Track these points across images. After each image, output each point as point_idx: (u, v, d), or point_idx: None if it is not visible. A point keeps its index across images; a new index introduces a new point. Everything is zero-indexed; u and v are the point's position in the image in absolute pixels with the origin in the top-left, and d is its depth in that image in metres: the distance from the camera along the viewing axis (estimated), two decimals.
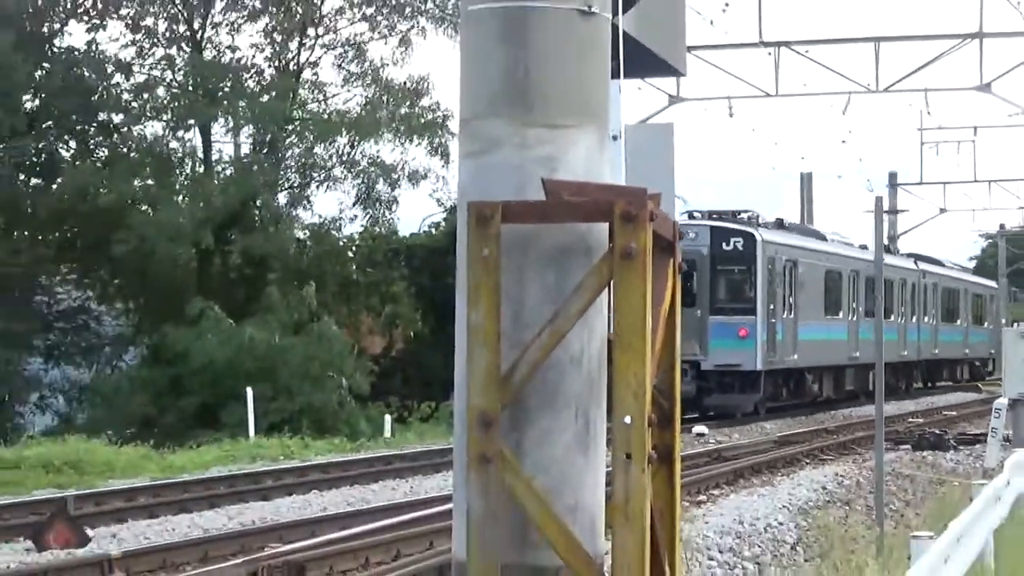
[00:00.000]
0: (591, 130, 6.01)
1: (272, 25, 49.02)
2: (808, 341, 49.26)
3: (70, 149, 46.86)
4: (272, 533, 19.89)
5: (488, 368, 5.70)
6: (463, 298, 5.83)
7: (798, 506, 23.93)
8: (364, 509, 22.61)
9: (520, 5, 5.91)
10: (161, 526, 21.43)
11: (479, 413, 5.69)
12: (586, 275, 5.71)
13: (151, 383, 42.46)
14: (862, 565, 16.07)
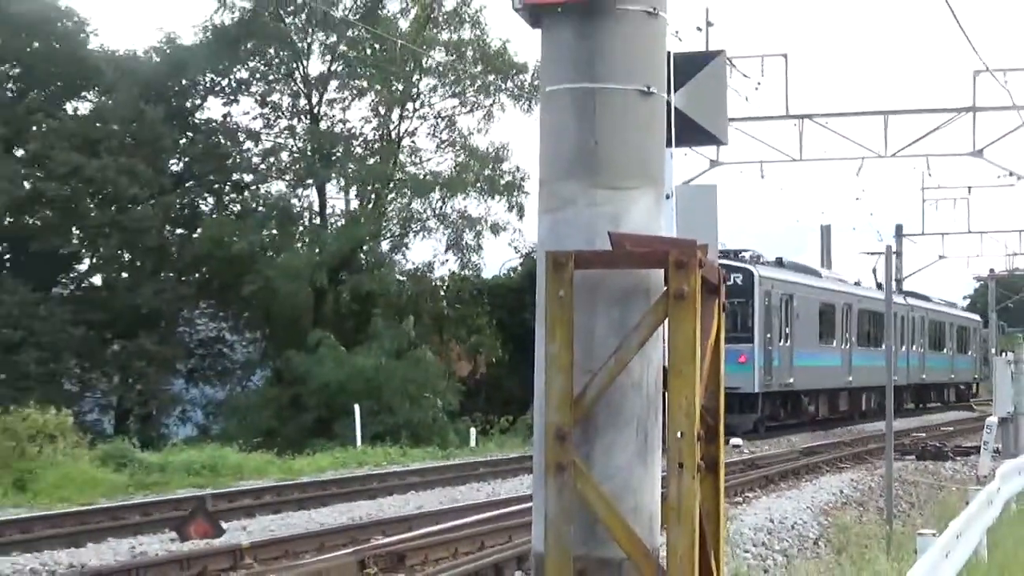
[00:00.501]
0: (649, 191, 6.03)
1: (377, 101, 49.21)
2: (803, 366, 47.74)
3: (209, 204, 47.13)
4: (376, 527, 19.92)
5: (563, 391, 5.73)
6: (542, 332, 5.85)
7: (819, 507, 23.88)
8: (453, 507, 22.61)
9: (590, 87, 5.93)
10: (283, 520, 21.49)
11: (555, 428, 5.72)
12: (645, 313, 5.74)
13: (275, 400, 42.60)
14: (874, 558, 15.99)
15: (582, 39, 5.90)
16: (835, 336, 51.87)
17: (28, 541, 18.77)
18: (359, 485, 27.30)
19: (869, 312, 56.36)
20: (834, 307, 52.37)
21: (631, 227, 5.83)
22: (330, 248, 45.74)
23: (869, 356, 54.55)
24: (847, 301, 53.04)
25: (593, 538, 5.81)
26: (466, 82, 50.39)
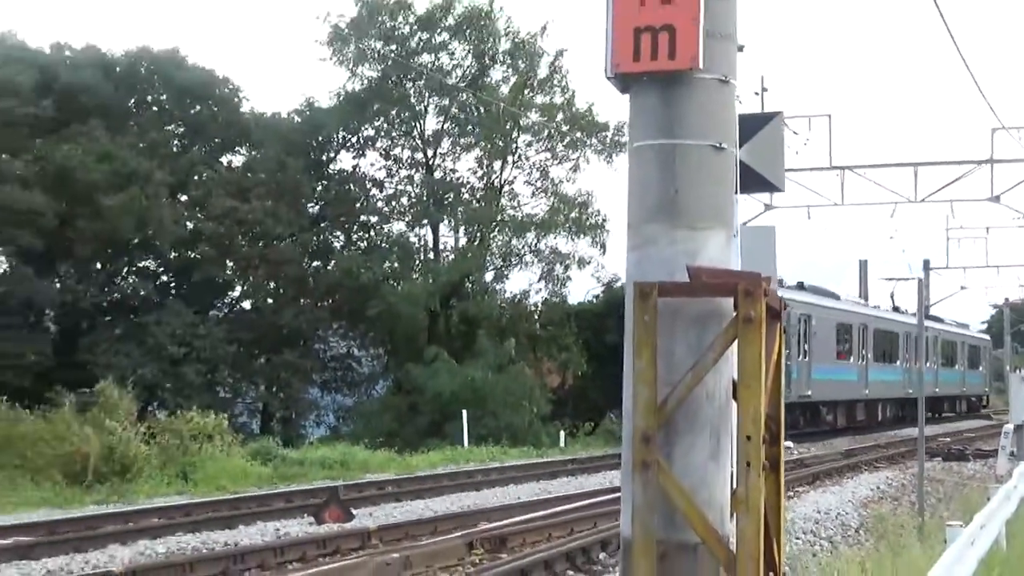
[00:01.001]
0: (720, 231, 6.05)
1: (482, 155, 49.43)
2: (821, 380, 45.27)
3: (340, 241, 47.43)
4: (481, 514, 19.94)
5: (648, 400, 5.75)
6: (630, 350, 5.88)
7: (859, 500, 23.71)
8: (547, 498, 22.61)
9: (671, 143, 5.96)
10: (402, 508, 21.58)
11: (641, 432, 5.74)
12: (718, 335, 5.74)
13: (395, 406, 42.75)
14: (908, 545, 15.83)
15: (664, 103, 5.93)
16: (851, 353, 49.85)
17: (191, 523, 18.97)
18: (466, 479, 27.39)
19: (884, 331, 54.05)
20: (851, 326, 50.54)
21: (705, 262, 5.86)
22: (442, 278, 46.02)
23: (884, 371, 52.74)
24: (863, 321, 51.28)
25: (673, 525, 5.83)
26: (557, 139, 50.47)
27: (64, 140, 36.41)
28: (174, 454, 27.21)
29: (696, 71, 5.86)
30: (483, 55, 49.63)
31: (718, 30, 5.97)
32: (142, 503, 22.37)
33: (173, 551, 16.03)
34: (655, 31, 5.85)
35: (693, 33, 5.82)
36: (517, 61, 50.10)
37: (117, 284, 39.92)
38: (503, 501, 22.12)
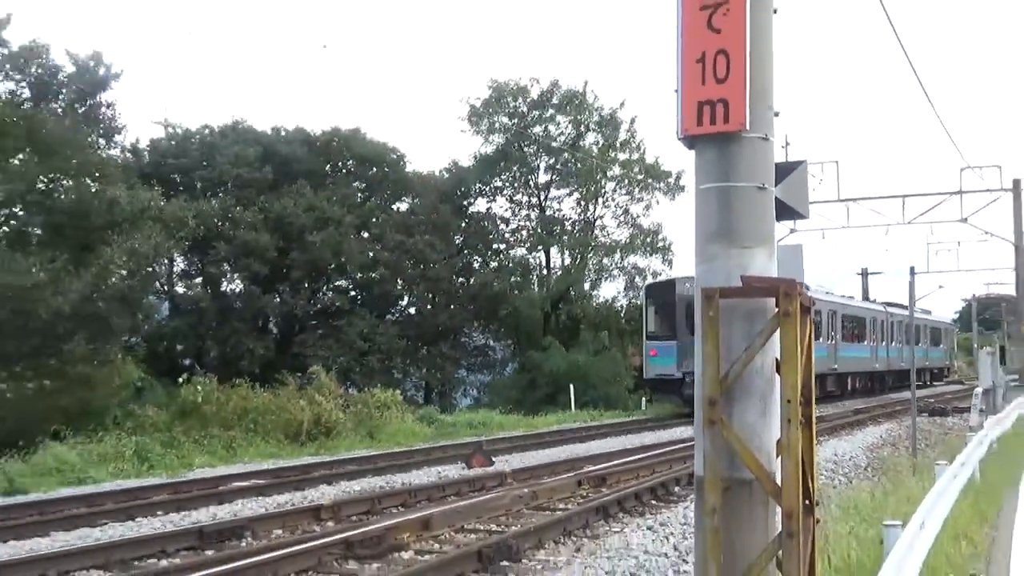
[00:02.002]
0: (764, 249, 6.04)
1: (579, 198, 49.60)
2: (844, 356, 42.45)
3: (478, 263, 47.65)
4: (587, 459, 19.92)
5: (713, 375, 5.72)
6: (700, 337, 5.86)
7: (867, 445, 23.45)
8: (633, 447, 22.50)
9: (726, 185, 5.94)
10: (528, 456, 21.60)
11: (708, 398, 5.73)
12: (764, 325, 5.72)
13: (520, 382, 42.82)
14: (906, 479, 15.62)
15: (721, 156, 5.93)
16: (822, 333, 44.22)
17: (376, 468, 19.17)
18: (573, 434, 27.34)
19: (852, 316, 48.69)
20: (820, 312, 44.51)
21: (753, 272, 5.84)
22: (552, 288, 46.38)
23: (851, 349, 47.78)
24: (832, 308, 46.16)
25: (733, 466, 5.81)
26: (634, 185, 50.64)
27: (280, 196, 37.05)
28: (363, 419, 27.57)
29: (744, 132, 5.84)
30: (579, 124, 49.91)
31: (760, 101, 5.95)
32: (341, 455, 22.66)
33: (365, 489, 16.20)
34: (713, 103, 5.84)
35: (741, 104, 5.80)
36: (603, 128, 50.36)
37: (319, 297, 40.45)
38: (602, 450, 22.06)
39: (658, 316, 34.99)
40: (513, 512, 13.64)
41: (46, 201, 24.15)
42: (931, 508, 9.40)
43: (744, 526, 5.86)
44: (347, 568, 10.25)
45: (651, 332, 35.08)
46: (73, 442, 19.92)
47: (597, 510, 13.30)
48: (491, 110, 48.92)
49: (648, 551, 10.72)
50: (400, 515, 13.06)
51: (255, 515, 13.05)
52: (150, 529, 12.35)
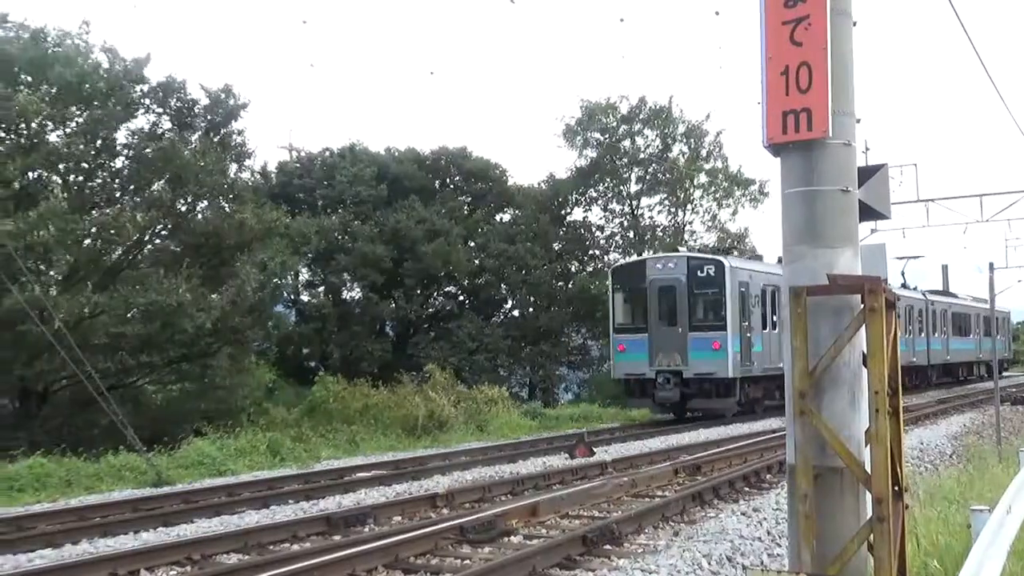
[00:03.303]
0: (849, 249, 5.93)
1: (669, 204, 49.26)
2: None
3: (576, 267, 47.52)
4: (682, 449, 19.72)
5: (802, 368, 5.63)
6: (788, 333, 5.76)
7: (952, 434, 22.75)
8: (727, 437, 22.18)
9: (812, 190, 5.86)
10: (626, 447, 21.39)
11: (798, 390, 5.64)
12: (851, 321, 5.61)
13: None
14: (991, 466, 15.18)
15: (806, 162, 5.84)
16: None
17: (487, 459, 19.23)
18: (669, 426, 27.06)
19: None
20: None
21: (839, 270, 5.74)
22: None
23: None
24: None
25: (824, 454, 5.71)
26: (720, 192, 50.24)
27: (394, 211, 37.49)
28: (473, 414, 27.66)
29: (827, 139, 5.75)
30: (666, 137, 49.60)
31: (841, 109, 5.84)
32: (453, 447, 22.77)
33: (476, 478, 16.25)
34: (797, 112, 5.76)
35: (824, 113, 5.71)
36: (689, 139, 50.02)
37: (431, 303, 40.76)
38: (696, 440, 21.78)
39: (627, 305, 28.29)
40: (614, 499, 13.57)
41: (184, 223, 24.80)
42: (1017, 493, 9.07)
43: (835, 511, 5.75)
44: (461, 552, 10.30)
45: (619, 324, 28.37)
46: (213, 438, 20.36)
47: (693, 497, 13.14)
48: (583, 127, 49.12)
49: (743, 535, 10.56)
50: (509, 502, 13.07)
51: (377, 503, 13.18)
52: (283, 516, 12.55)
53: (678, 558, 9.30)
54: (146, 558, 9.76)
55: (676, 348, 26.08)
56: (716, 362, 25.79)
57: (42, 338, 18.50)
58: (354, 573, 9.09)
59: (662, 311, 26.32)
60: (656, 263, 27.47)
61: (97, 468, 17.06)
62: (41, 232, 19.90)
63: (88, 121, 23.16)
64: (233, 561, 9.94)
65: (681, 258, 27.40)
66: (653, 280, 26.95)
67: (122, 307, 21.38)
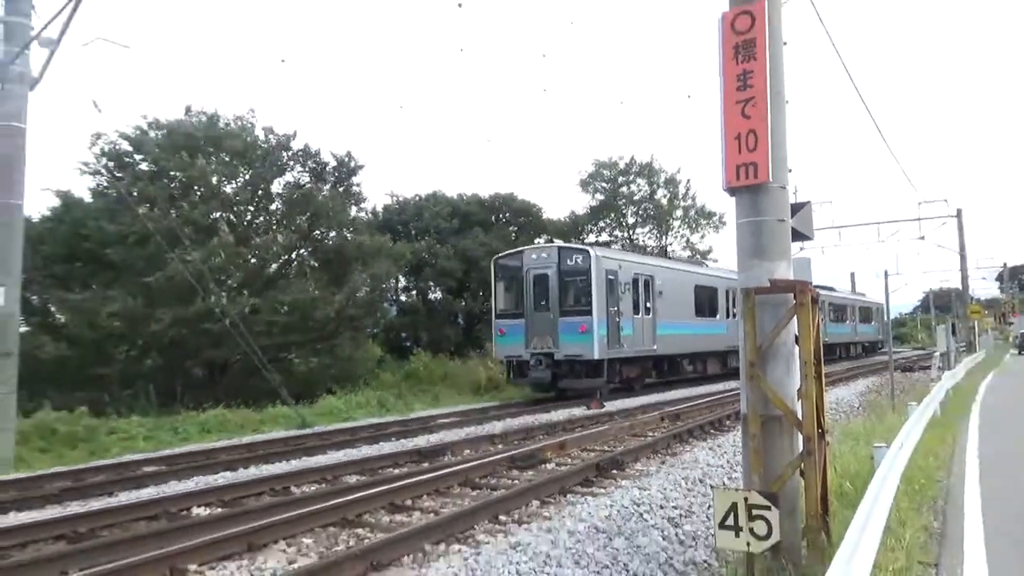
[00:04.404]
0: (785, 261, 5.82)
1: (657, 234, 48.93)
2: (665, 335, 23.81)
3: None
4: (667, 403, 19.42)
5: (752, 346, 5.55)
6: (742, 321, 5.66)
7: (858, 392, 22.23)
8: (700, 393, 21.86)
9: (757, 220, 5.74)
10: (627, 401, 21.01)
11: (750, 361, 5.52)
12: (786, 312, 5.49)
13: None
14: (887, 415, 14.82)
15: (753, 200, 5.75)
16: (690, 309, 26.74)
17: (529, 410, 18.89)
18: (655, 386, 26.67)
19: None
20: (694, 285, 27.03)
21: (777, 276, 5.60)
22: None
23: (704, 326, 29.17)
24: (698, 282, 27.69)
25: (767, 407, 5.61)
26: (692, 222, 49.83)
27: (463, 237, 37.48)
28: None
29: (768, 184, 5.66)
30: (652, 184, 49.43)
31: (780, 162, 5.75)
32: (506, 402, 22.62)
33: (522, 423, 16.12)
34: (747, 165, 5.68)
35: (766, 166, 5.63)
36: (668, 185, 49.77)
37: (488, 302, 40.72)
38: (676, 397, 21.51)
39: (507, 293, 22.81)
40: (619, 438, 13.46)
41: (318, 246, 25.14)
42: (907, 434, 8.89)
43: (776, 448, 5.67)
44: (511, 474, 10.27)
45: (500, 310, 22.95)
46: (340, 395, 20.50)
47: (675, 436, 13.01)
48: (593, 178, 49.08)
49: (710, 464, 10.44)
50: (545, 440, 13.02)
51: (453, 440, 13.19)
52: (388, 449, 12.61)
53: (664, 479, 9.21)
54: (295, 478, 9.87)
55: (548, 332, 21.10)
56: (583, 344, 20.53)
57: (223, 329, 18.81)
58: (438, 488, 9.11)
59: (536, 297, 21.38)
60: (532, 253, 22.07)
61: (261, 416, 17.25)
62: (216, 258, 20.28)
63: (252, 177, 23.55)
64: (354, 480, 10.01)
65: (553, 248, 22.05)
66: (529, 269, 21.76)
67: (273, 304, 21.75)
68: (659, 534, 7.13)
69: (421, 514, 8.00)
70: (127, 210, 19.70)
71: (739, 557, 5.55)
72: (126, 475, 10.44)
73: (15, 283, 12.66)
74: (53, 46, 12.47)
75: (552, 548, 6.45)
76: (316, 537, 7.15)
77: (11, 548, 6.92)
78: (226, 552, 6.50)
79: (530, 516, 7.84)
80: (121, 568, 5.80)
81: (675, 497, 8.50)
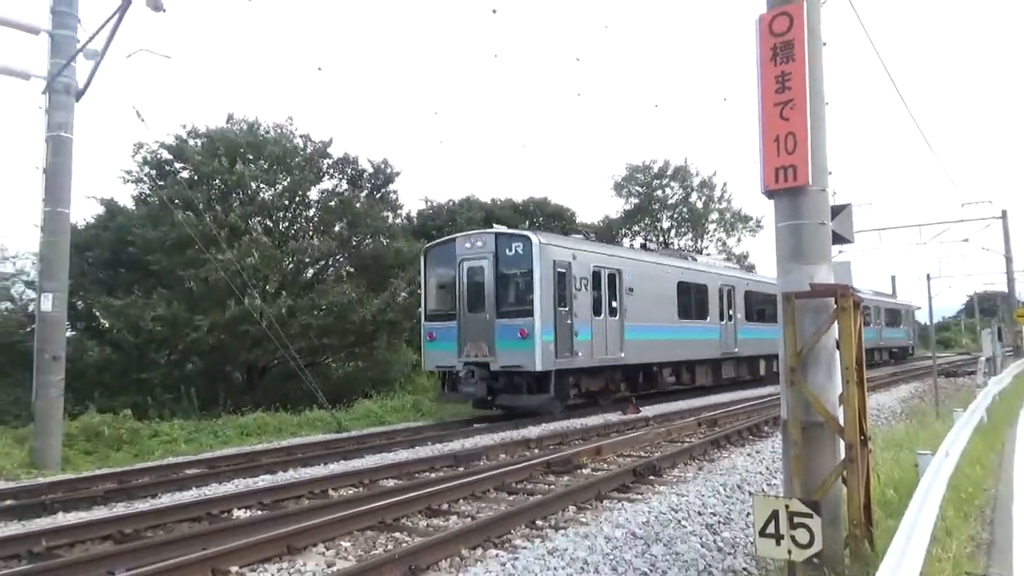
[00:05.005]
0: (825, 265, 5.74)
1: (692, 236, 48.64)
2: (636, 341, 19.66)
3: None
4: (703, 408, 19.22)
5: (792, 350, 5.48)
6: (781, 326, 5.60)
7: (901, 399, 21.74)
8: (737, 399, 21.62)
9: (796, 223, 5.67)
10: (664, 406, 20.93)
11: (789, 366, 5.47)
12: (827, 316, 5.42)
13: None
14: (931, 422, 14.51)
15: (793, 202, 5.68)
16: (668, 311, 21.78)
17: (563, 415, 18.91)
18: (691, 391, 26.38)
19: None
20: (684, 284, 22.48)
21: (818, 280, 5.53)
22: None
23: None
24: (682, 278, 22.46)
25: (808, 412, 5.53)
26: (727, 225, 49.41)
27: None
28: None
29: (808, 187, 5.59)
30: (686, 188, 49.08)
31: (819, 164, 5.67)
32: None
33: (557, 428, 15.88)
34: (786, 168, 5.61)
35: (805, 168, 5.56)
36: (703, 189, 49.37)
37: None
38: (715, 402, 21.28)
39: (440, 290, 18.02)
40: (655, 444, 13.36)
41: (356, 251, 25.38)
42: (952, 441, 8.69)
43: (817, 454, 5.59)
44: (547, 480, 10.25)
45: (430, 310, 18.07)
46: (376, 399, 20.60)
47: (712, 442, 12.87)
48: (627, 181, 48.87)
49: (749, 470, 10.30)
50: (580, 445, 12.97)
51: (488, 445, 13.20)
52: (424, 453, 12.64)
53: (702, 486, 9.12)
54: (332, 482, 9.96)
55: (483, 337, 16.83)
56: (523, 353, 16.24)
57: (261, 331, 19.07)
58: (474, 493, 9.12)
59: (471, 295, 17.14)
60: (465, 241, 17.55)
61: (299, 419, 17.39)
62: (250, 258, 20.55)
63: (290, 184, 23.89)
64: (391, 484, 10.07)
65: (490, 235, 17.40)
66: (463, 260, 17.34)
67: (311, 306, 22.01)
68: (698, 541, 7.06)
69: (458, 518, 8.02)
70: (168, 216, 20.11)
71: (779, 565, 5.47)
72: (169, 477, 10.64)
73: (63, 289, 13.00)
74: (98, 58, 12.80)
75: (590, 554, 6.42)
76: (354, 540, 7.21)
77: (60, 547, 7.09)
78: (266, 554, 6.59)
79: (567, 521, 7.82)
80: (166, 569, 5.92)
81: (713, 504, 8.41)
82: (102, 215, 22.15)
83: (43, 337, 12.62)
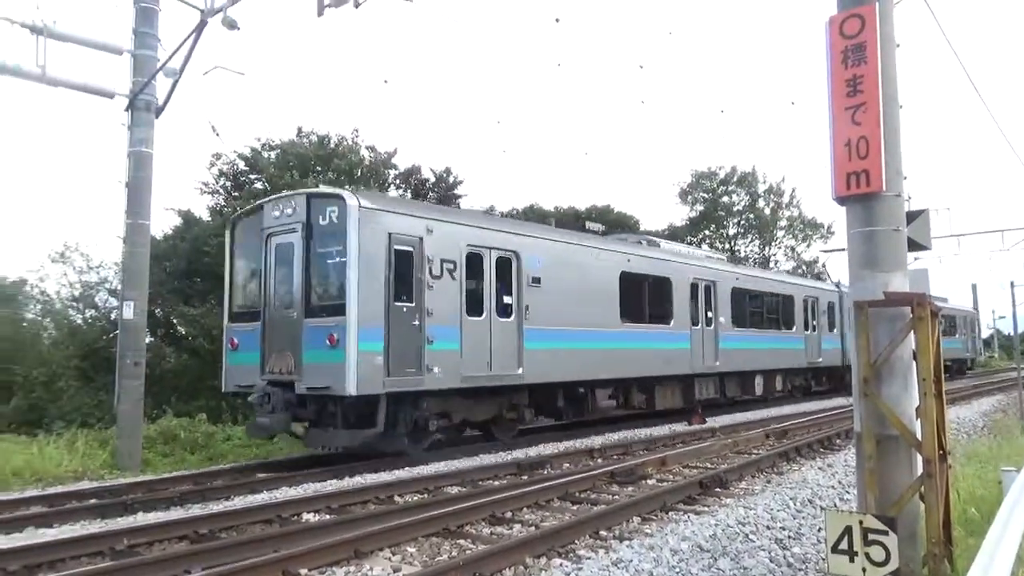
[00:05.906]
0: (900, 273, 5.56)
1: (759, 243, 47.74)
2: (544, 352, 13.57)
3: None
4: (772, 419, 18.82)
5: (865, 361, 5.32)
6: (853, 335, 5.45)
7: (982, 412, 20.79)
8: (807, 411, 21.05)
9: (870, 230, 5.53)
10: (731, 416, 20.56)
11: (863, 377, 5.31)
12: (903, 326, 5.26)
13: None
14: (1015, 436, 13.88)
15: (866, 208, 5.53)
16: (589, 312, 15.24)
17: (628, 425, 18.70)
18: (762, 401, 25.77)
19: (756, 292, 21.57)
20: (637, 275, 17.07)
21: (893, 289, 5.37)
22: None
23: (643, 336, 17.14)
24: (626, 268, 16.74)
25: (883, 425, 5.36)
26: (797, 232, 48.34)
27: None
28: None
29: (882, 193, 5.43)
30: (753, 194, 48.25)
31: (894, 169, 5.51)
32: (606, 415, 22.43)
33: (621, 438, 15.85)
34: (858, 173, 5.47)
35: (879, 173, 5.41)
36: (770, 195, 48.44)
37: None
38: (783, 412, 20.80)
39: (250, 277, 12.34)
40: (722, 455, 13.13)
41: None
42: None
43: (893, 469, 5.40)
44: (611, 490, 10.17)
45: (236, 307, 12.45)
46: None
47: (781, 454, 12.57)
48: (694, 188, 48.30)
49: (820, 484, 10.02)
50: (645, 455, 12.85)
51: (552, 454, 13.18)
52: (489, 461, 12.68)
53: (771, 499, 8.91)
54: (398, 488, 10.07)
55: (290, 345, 11.25)
56: (331, 368, 10.61)
57: None
58: (537, 501, 9.12)
59: (278, 283, 11.72)
60: (274, 208, 11.85)
61: None
62: None
63: None
64: (455, 491, 10.15)
65: (301, 196, 11.62)
66: (270, 235, 11.82)
67: None
68: (766, 556, 6.90)
69: (521, 527, 8.03)
70: None
71: None
72: (241, 480, 10.95)
73: (143, 297, 13.56)
74: (176, 76, 13.36)
75: (655, 566, 6.35)
76: (419, 546, 7.29)
77: (140, 546, 7.38)
78: (335, 557, 6.73)
79: (632, 532, 7.74)
80: (240, 569, 6.10)
81: (783, 518, 8.20)
82: (179, 226, 23.02)
83: (125, 343, 13.18)
